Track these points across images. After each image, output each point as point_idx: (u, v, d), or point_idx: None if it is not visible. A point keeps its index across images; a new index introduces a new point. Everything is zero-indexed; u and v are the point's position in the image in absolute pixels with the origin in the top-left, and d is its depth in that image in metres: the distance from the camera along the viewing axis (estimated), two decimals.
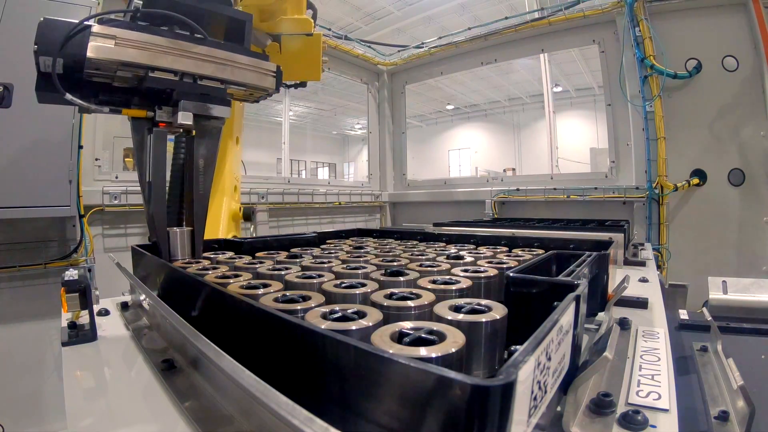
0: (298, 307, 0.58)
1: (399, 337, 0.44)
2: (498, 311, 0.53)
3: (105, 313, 0.94)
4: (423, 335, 0.44)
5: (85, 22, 0.88)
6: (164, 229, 1.03)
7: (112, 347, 0.76)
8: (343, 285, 0.67)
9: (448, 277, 0.73)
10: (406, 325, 0.47)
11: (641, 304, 0.97)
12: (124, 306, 0.98)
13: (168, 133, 1.03)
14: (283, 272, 0.81)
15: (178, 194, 1.13)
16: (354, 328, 0.47)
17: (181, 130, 1.06)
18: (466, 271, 0.79)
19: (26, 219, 2.06)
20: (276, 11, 1.47)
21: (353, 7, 6.02)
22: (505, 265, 0.86)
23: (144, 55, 0.91)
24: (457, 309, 0.53)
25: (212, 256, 1.08)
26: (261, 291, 0.66)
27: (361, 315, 0.52)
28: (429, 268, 0.82)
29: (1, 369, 2.06)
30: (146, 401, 0.56)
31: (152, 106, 0.99)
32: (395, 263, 0.91)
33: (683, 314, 1.21)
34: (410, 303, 0.57)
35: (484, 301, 0.56)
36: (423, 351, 0.39)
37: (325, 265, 0.87)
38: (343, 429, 0.29)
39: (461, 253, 1.03)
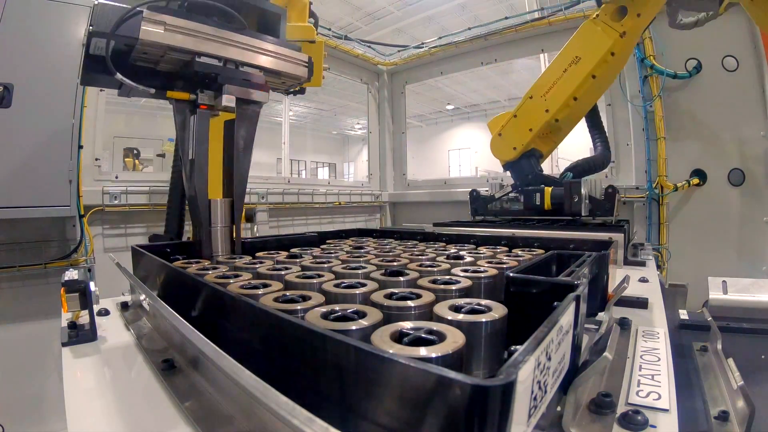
0: (298, 307, 0.58)
1: (399, 337, 0.44)
2: (498, 311, 0.53)
3: (105, 313, 0.94)
4: (423, 335, 0.44)
5: (138, 8, 0.92)
6: (206, 200, 1.11)
7: (112, 347, 0.75)
8: (343, 285, 0.67)
9: (448, 277, 0.73)
10: (406, 325, 0.47)
11: (641, 304, 0.97)
12: (124, 306, 0.98)
13: (210, 115, 1.11)
14: (283, 272, 0.81)
15: (178, 197, 1.15)
16: (354, 328, 0.47)
17: (219, 113, 1.13)
18: (466, 271, 0.79)
19: (26, 219, 2.06)
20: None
21: (353, 7, 6.02)
22: (505, 265, 0.86)
23: (191, 41, 0.97)
24: (457, 309, 0.53)
25: (212, 255, 1.08)
26: (261, 291, 0.66)
27: (361, 315, 0.52)
28: (429, 268, 0.82)
29: (1, 369, 2.06)
30: (146, 401, 0.56)
31: (194, 90, 1.06)
32: (395, 263, 0.91)
33: (683, 314, 1.21)
34: (410, 303, 0.57)
35: (484, 301, 0.56)
36: (423, 351, 0.39)
37: (325, 265, 0.87)
38: (343, 429, 0.29)
39: (461, 253, 1.03)
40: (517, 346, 0.34)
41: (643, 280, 1.23)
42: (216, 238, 1.11)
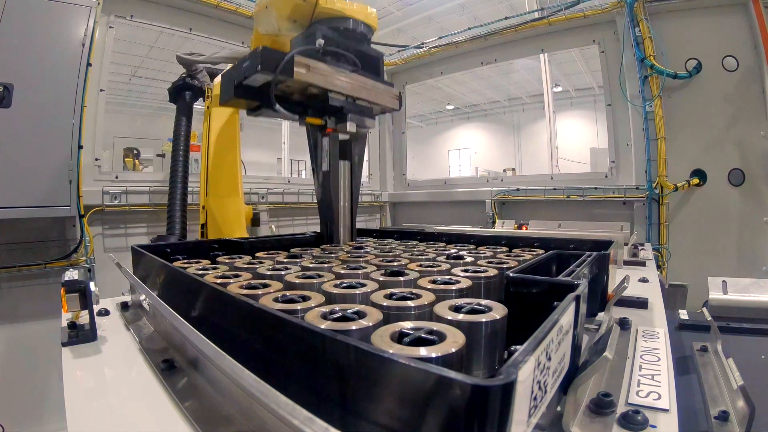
0: (298, 307, 0.58)
1: (399, 337, 0.44)
2: (498, 311, 0.53)
3: (105, 313, 0.94)
4: (423, 335, 0.44)
5: (294, 53, 1.14)
6: (338, 200, 1.39)
7: (112, 347, 0.75)
8: (343, 285, 0.67)
9: (448, 277, 0.73)
10: (406, 325, 0.47)
11: (641, 304, 0.97)
12: (124, 306, 0.98)
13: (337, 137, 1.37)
14: (283, 272, 0.81)
15: (179, 197, 1.14)
16: (354, 328, 0.47)
17: (337, 133, 1.36)
18: (466, 271, 0.79)
19: (26, 219, 2.06)
20: (284, 44, 1.53)
21: None
22: (505, 265, 0.86)
23: (325, 80, 1.21)
24: (457, 309, 0.53)
25: (212, 255, 1.08)
26: (261, 291, 0.66)
27: (361, 315, 0.52)
28: (429, 268, 0.81)
29: (1, 369, 2.06)
30: (146, 401, 0.56)
31: (321, 116, 1.31)
32: (395, 263, 0.91)
33: (683, 314, 1.21)
34: (410, 303, 0.57)
35: (484, 301, 0.56)
36: (423, 351, 0.39)
37: (325, 266, 0.87)
38: (343, 429, 0.29)
39: (461, 253, 1.03)
40: (517, 346, 0.34)
41: (643, 280, 1.23)
42: (339, 228, 1.41)
